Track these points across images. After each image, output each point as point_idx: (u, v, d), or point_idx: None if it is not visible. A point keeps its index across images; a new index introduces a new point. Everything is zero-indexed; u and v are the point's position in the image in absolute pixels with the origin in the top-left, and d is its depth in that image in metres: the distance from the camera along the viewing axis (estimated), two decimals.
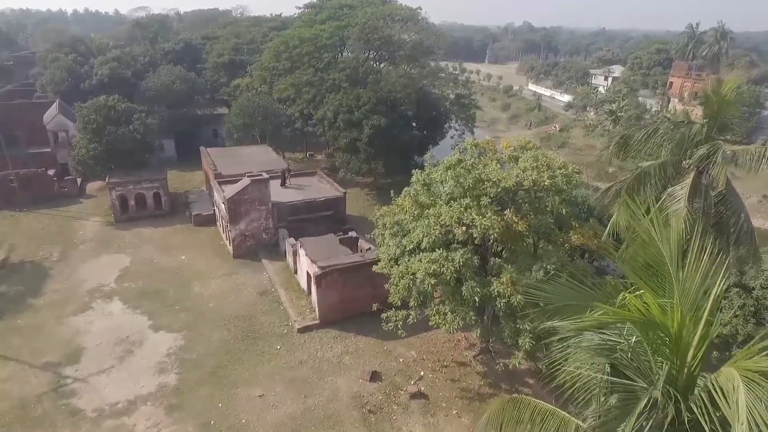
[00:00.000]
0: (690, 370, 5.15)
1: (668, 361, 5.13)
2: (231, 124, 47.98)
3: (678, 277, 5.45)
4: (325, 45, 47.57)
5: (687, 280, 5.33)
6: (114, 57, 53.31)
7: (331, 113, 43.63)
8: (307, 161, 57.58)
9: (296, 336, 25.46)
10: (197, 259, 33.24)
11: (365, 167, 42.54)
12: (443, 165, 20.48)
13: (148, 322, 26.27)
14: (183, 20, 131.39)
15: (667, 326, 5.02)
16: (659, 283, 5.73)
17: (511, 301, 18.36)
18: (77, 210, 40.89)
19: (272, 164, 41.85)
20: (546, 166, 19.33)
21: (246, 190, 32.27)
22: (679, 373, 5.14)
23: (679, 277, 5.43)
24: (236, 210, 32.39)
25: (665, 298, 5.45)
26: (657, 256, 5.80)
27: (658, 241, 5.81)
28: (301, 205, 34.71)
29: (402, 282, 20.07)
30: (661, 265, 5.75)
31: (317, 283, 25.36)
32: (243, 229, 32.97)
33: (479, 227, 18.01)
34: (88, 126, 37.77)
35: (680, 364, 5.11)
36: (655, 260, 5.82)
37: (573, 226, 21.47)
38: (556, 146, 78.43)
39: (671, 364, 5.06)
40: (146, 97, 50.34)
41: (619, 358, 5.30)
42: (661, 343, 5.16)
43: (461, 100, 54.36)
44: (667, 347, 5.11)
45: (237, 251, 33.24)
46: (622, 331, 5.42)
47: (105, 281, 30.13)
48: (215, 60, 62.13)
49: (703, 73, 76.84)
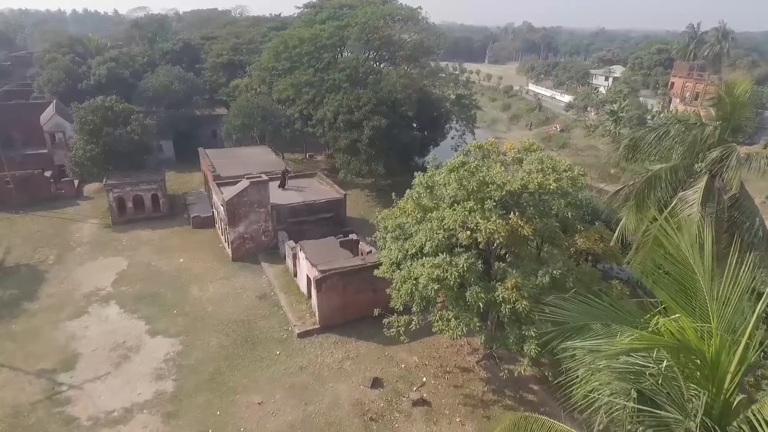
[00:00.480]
0: (726, 398, 4.72)
1: (703, 388, 4.70)
2: (230, 125, 47.53)
3: (713, 295, 5.03)
4: (324, 45, 47.14)
5: (722, 297, 4.90)
6: (112, 57, 52.85)
7: (331, 114, 43.20)
8: (306, 162, 57.12)
9: (296, 341, 25.01)
10: (195, 262, 32.77)
11: (365, 168, 42.10)
12: (446, 167, 20.06)
13: (145, 327, 25.80)
14: (182, 20, 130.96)
15: (704, 351, 4.59)
16: (688, 300, 5.30)
17: (517, 307, 17.94)
18: (74, 212, 40.42)
19: (271, 165, 41.40)
20: (552, 169, 18.90)
21: (245, 192, 31.82)
22: (715, 402, 4.72)
23: (713, 295, 5.01)
24: (235, 212, 31.93)
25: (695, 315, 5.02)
26: (686, 270, 5.36)
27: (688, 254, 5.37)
28: (300, 207, 34.25)
29: (404, 287, 19.63)
30: (691, 279, 5.31)
31: (317, 287, 24.91)
32: (242, 232, 32.51)
33: (484, 231, 17.57)
34: (85, 127, 37.32)
35: (716, 392, 4.69)
36: (683, 275, 5.39)
37: (578, 229, 21.03)
38: (557, 147, 78.00)
39: (707, 392, 4.64)
40: (144, 97, 49.90)
41: (647, 383, 4.87)
42: (695, 368, 4.74)
43: (462, 101, 53.93)
44: (703, 373, 4.68)
45: (236, 254, 32.78)
46: (650, 354, 4.98)
47: (102, 285, 29.66)
48: (214, 60, 61.69)
49: (704, 73, 76.48)
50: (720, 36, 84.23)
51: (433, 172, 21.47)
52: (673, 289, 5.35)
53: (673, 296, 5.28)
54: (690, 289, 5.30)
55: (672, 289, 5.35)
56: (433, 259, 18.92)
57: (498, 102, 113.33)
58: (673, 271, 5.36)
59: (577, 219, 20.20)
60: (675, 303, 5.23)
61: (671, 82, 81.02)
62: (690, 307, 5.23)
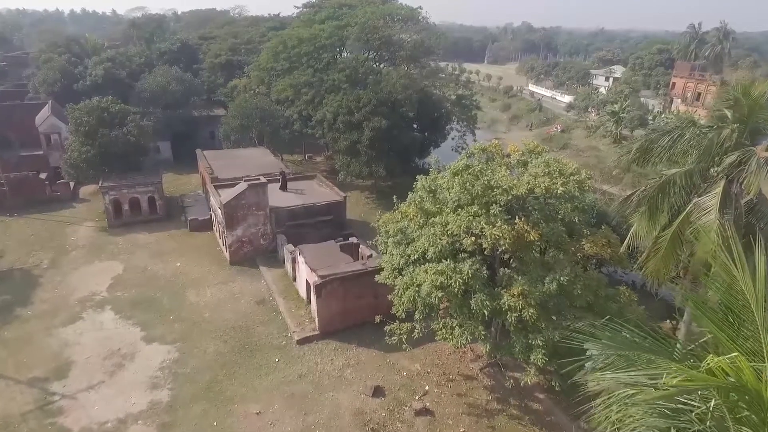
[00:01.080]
0: None
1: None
2: (228, 126, 46.92)
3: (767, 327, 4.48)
4: (324, 45, 46.57)
5: None
6: (108, 57, 52.19)
7: (330, 115, 42.65)
8: (306, 163, 56.56)
9: (295, 348, 24.43)
10: (193, 266, 32.18)
11: (366, 170, 41.54)
12: (450, 171, 19.49)
13: (141, 334, 25.21)
14: (181, 20, 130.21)
15: (761, 392, 4.05)
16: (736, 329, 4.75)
17: (523, 315, 17.39)
18: (70, 214, 39.78)
19: (270, 167, 40.81)
20: (558, 172, 18.34)
21: (243, 194, 31.23)
22: None
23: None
24: (233, 215, 31.34)
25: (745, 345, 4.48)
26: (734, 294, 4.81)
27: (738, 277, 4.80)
28: (300, 209, 33.67)
29: (407, 294, 19.07)
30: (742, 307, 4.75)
31: (317, 292, 24.33)
32: (240, 235, 31.92)
33: (489, 237, 17.00)
34: (80, 128, 36.72)
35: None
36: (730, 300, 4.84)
37: (585, 233, 20.46)
38: (558, 147, 77.45)
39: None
40: (141, 98, 49.26)
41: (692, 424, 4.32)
42: (750, 410, 4.19)
43: (462, 101, 53.42)
44: (759, 416, 4.12)
45: (234, 258, 32.19)
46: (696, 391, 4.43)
47: (97, 290, 29.05)
48: (212, 60, 61.06)
49: (706, 73, 75.98)
50: (721, 36, 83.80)
51: (435, 176, 20.92)
52: (717, 318, 4.79)
53: (718, 325, 4.71)
54: (737, 317, 4.75)
55: (717, 317, 4.79)
56: (436, 266, 18.34)
57: (498, 102, 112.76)
58: (722, 298, 4.80)
59: (583, 223, 19.63)
60: (722, 334, 4.67)
61: (672, 83, 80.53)
62: (738, 338, 4.67)
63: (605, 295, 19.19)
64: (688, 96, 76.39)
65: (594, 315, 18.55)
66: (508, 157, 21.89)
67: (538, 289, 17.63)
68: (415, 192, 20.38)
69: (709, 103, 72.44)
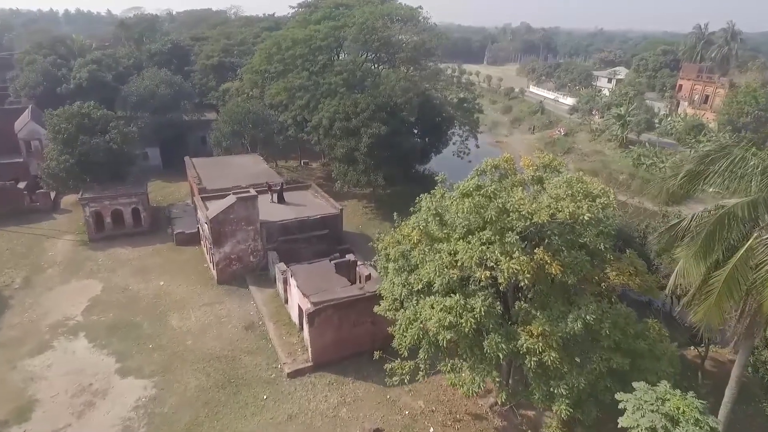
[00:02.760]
0: None
1: None
2: (219, 132, 44.60)
3: None
4: (319, 47, 44.25)
5: None
6: (93, 59, 49.75)
7: (326, 120, 40.35)
8: (302, 170, 54.28)
9: (285, 382, 22.14)
10: (177, 285, 29.86)
11: (364, 179, 39.24)
12: (459, 190, 17.21)
13: (116, 365, 22.88)
14: (175, 21, 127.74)
15: None
16: None
17: (544, 359, 15.15)
18: (49, 227, 37.41)
19: (262, 176, 38.51)
20: (583, 194, 16.08)
21: (231, 208, 28.91)
22: None
23: None
24: (220, 231, 29.02)
25: None
26: None
27: None
28: (293, 224, 31.36)
29: (410, 332, 16.81)
30: None
31: (309, 321, 22.04)
32: (228, 252, 29.61)
33: (506, 271, 14.73)
34: (58, 136, 34.37)
35: None
36: None
37: (608, 259, 18.22)
38: (562, 152, 75.36)
39: None
40: (128, 102, 46.90)
41: None
42: None
43: (464, 105, 51.20)
44: None
45: (221, 276, 29.88)
46: None
47: (71, 313, 26.71)
48: (204, 62, 58.68)
49: (714, 75, 73.87)
50: (729, 37, 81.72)
51: (441, 194, 18.66)
52: None
53: None
54: None
55: None
56: (443, 300, 16.10)
57: (499, 104, 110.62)
58: None
59: (609, 250, 17.39)
60: None
61: (679, 85, 78.44)
62: None
63: (634, 333, 16.98)
64: (696, 99, 74.30)
65: (622, 355, 16.39)
66: (522, 173, 19.67)
67: (561, 329, 15.40)
68: (419, 214, 18.10)
69: (717, 106, 70.42)
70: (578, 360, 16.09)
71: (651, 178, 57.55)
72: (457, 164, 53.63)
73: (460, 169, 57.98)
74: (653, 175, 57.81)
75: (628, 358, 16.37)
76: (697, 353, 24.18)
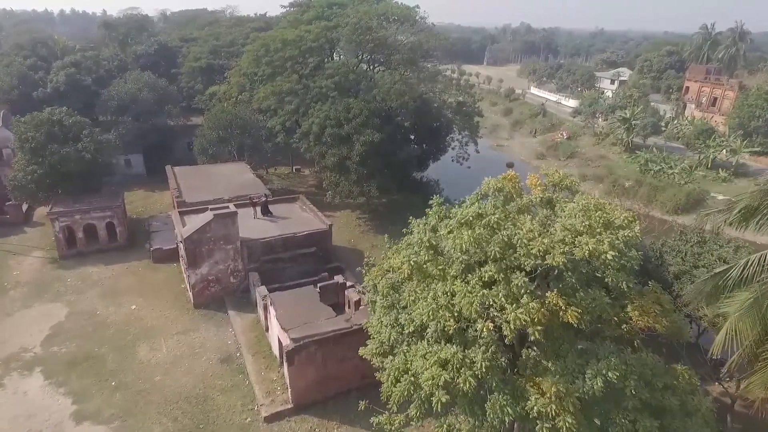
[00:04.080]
0: None
1: None
2: (203, 138, 42.10)
3: None
4: (310, 48, 41.71)
5: None
6: (72, 62, 47.22)
7: (316, 127, 37.82)
8: (293, 177, 51.80)
9: (262, 427, 19.66)
10: (150, 309, 27.36)
11: (356, 190, 36.73)
12: (456, 218, 14.70)
13: (72, 408, 20.39)
14: (169, 21, 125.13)
15: None
16: None
17: (558, 425, 12.64)
18: (18, 242, 34.90)
19: (247, 187, 36.09)
20: (603, 225, 13.59)
21: (208, 226, 26.40)
22: None
23: None
24: (196, 251, 26.53)
25: None
26: None
27: None
28: (277, 241, 28.85)
29: (399, 387, 14.29)
30: None
31: (289, 360, 19.54)
32: (205, 274, 27.11)
33: (512, 323, 12.24)
34: (26, 145, 31.85)
35: None
36: None
37: (630, 297, 15.68)
38: (565, 156, 72.87)
39: None
40: (109, 107, 44.39)
41: None
42: None
43: (463, 108, 48.65)
44: None
45: (198, 300, 27.39)
46: None
47: (29, 344, 24.20)
48: (192, 64, 56.11)
49: (722, 77, 71.36)
50: (737, 37, 79.23)
51: (437, 220, 16.16)
52: None
53: None
54: None
55: None
56: (438, 351, 13.60)
57: (499, 106, 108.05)
58: None
59: (633, 289, 14.87)
60: None
61: (686, 87, 75.92)
62: None
63: (662, 386, 14.47)
64: (703, 101, 71.79)
65: (650, 414, 13.88)
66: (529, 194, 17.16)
67: (578, 387, 12.92)
68: (410, 246, 15.60)
69: (726, 109, 67.92)
70: (598, 422, 13.59)
71: (659, 185, 55.12)
72: (455, 170, 51.13)
73: (459, 176, 55.63)
74: (661, 182, 55.39)
75: (657, 418, 13.88)
76: (723, 390, 21.64)
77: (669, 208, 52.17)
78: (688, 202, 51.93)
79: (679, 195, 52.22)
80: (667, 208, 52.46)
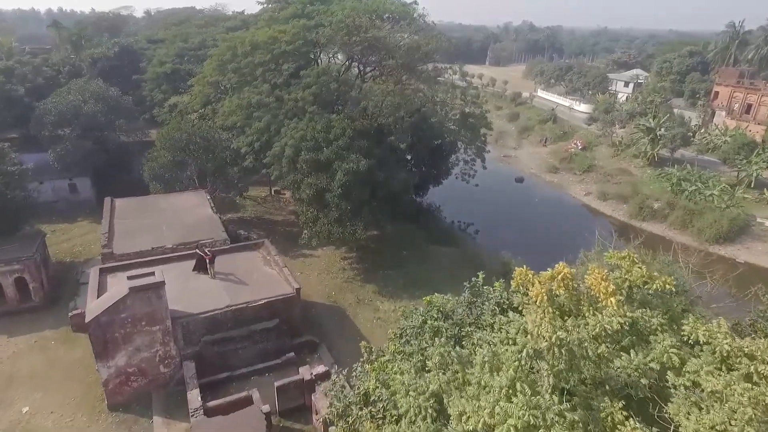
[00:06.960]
0: None
1: None
2: (155, 162, 34.71)
3: None
4: (284, 52, 34.25)
5: None
6: (2, 69, 39.77)
7: (290, 149, 30.42)
8: (271, 201, 44.53)
9: None
10: (48, 411, 20.05)
11: (337, 230, 29.29)
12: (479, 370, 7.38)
13: None
14: (153, 20, 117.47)
15: None
16: None
17: None
18: None
19: (201, 227, 28.80)
20: None
21: (122, 304, 19.02)
22: None
23: None
24: (107, 338, 19.20)
25: None
26: None
27: None
28: (225, 315, 21.49)
29: None
30: None
31: None
32: (122, 366, 19.77)
33: None
34: None
35: None
36: None
37: None
38: (581, 170, 65.40)
39: None
40: (44, 122, 37.03)
41: None
42: None
43: (469, 120, 41.26)
44: None
45: (114, 399, 20.09)
46: None
47: None
48: (156, 70, 48.65)
49: (758, 80, 63.87)
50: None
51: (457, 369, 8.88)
52: None
53: None
54: None
55: None
56: None
57: (505, 111, 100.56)
58: None
59: None
60: None
61: (715, 92, 68.37)
62: None
63: None
64: (735, 108, 64.31)
65: None
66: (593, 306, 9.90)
67: None
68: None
69: (763, 118, 60.46)
70: None
71: (695, 209, 47.59)
72: (460, 188, 43.85)
73: (463, 196, 48.16)
74: (698, 204, 47.92)
75: None
76: None
77: (709, 236, 44.76)
78: (731, 230, 44.57)
79: (722, 221, 44.76)
80: (706, 235, 45.07)
